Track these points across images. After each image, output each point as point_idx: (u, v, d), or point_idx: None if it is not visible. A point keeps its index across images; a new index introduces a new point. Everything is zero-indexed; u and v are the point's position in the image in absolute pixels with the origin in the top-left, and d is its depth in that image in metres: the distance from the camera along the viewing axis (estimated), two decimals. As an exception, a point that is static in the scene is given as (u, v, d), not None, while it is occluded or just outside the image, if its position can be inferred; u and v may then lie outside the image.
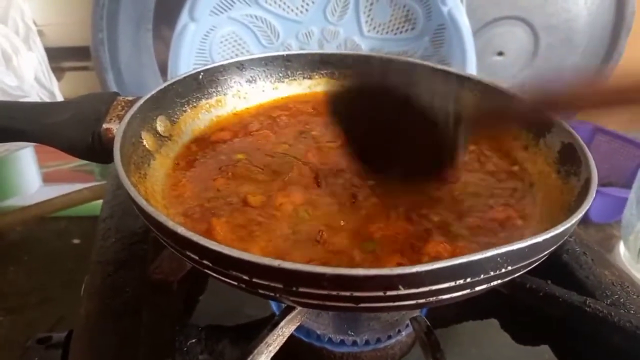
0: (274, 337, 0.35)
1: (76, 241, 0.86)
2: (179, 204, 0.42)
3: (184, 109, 0.51)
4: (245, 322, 0.46)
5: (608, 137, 1.14)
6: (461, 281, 0.28)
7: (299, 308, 0.37)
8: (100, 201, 0.61)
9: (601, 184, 1.04)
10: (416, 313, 0.41)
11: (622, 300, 0.42)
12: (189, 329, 0.44)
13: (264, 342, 0.35)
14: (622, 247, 0.81)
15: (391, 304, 0.28)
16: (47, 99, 0.83)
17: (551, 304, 0.39)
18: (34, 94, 0.78)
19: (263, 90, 0.57)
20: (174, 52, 0.83)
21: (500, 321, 0.51)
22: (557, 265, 0.47)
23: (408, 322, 0.43)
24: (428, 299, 0.29)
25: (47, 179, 0.97)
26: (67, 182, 0.95)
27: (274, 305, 0.46)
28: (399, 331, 0.44)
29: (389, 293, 0.27)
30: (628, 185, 0.83)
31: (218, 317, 0.53)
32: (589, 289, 0.44)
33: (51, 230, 0.88)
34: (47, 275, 0.79)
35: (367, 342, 0.43)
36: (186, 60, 0.84)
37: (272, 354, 0.35)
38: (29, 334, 0.49)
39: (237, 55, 0.90)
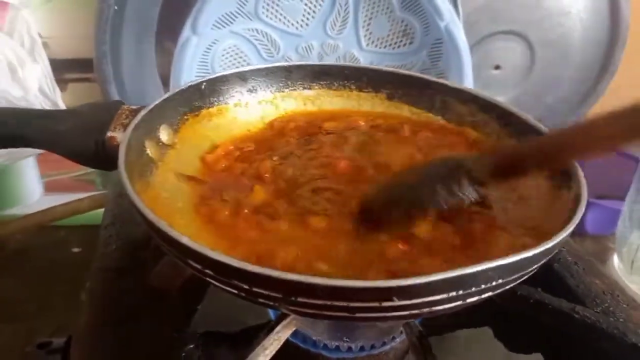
0: (270, 341, 0.36)
1: (76, 250, 0.87)
2: None
3: (186, 117, 0.53)
4: (243, 329, 0.47)
5: (604, 150, 1.15)
6: (454, 293, 0.29)
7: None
8: (101, 210, 0.61)
9: (597, 196, 1.05)
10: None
11: (611, 308, 0.43)
12: (186, 335, 0.44)
13: (261, 345, 0.36)
14: (616, 259, 0.81)
15: (386, 314, 0.29)
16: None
17: (541, 310, 0.40)
18: (38, 105, 0.80)
19: (264, 99, 0.59)
20: (176, 65, 0.85)
21: (494, 329, 0.52)
22: (548, 274, 0.48)
23: (402, 328, 0.44)
24: (422, 309, 0.30)
25: (49, 188, 0.98)
26: (68, 191, 0.95)
27: (271, 313, 0.47)
28: (393, 338, 0.45)
29: (384, 304, 0.28)
30: (624, 197, 0.84)
31: (216, 324, 0.54)
32: (579, 297, 0.45)
33: (51, 239, 0.88)
34: (47, 284, 0.79)
35: (361, 349, 0.44)
36: (188, 73, 0.85)
37: (268, 357, 0.36)
38: (28, 341, 0.49)
39: (238, 67, 0.91)
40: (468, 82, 0.90)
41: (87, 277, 0.47)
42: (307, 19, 0.90)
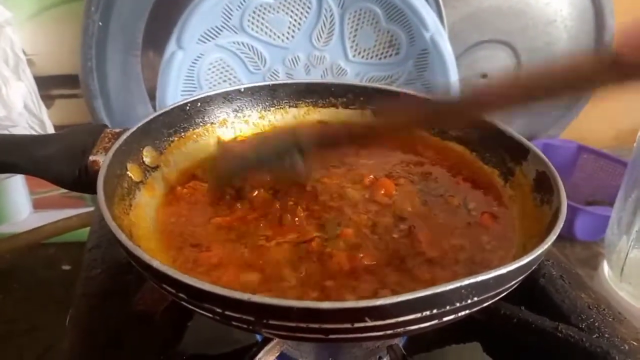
0: (255, 366, 0.36)
1: (66, 267, 0.86)
2: None
3: (171, 139, 0.52)
4: (229, 351, 0.47)
5: (593, 156, 1.15)
6: (427, 312, 0.29)
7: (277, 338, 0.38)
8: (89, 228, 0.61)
9: (586, 202, 1.06)
10: (394, 341, 0.42)
11: (596, 324, 0.43)
12: (173, 359, 0.44)
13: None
14: (606, 266, 0.82)
15: (360, 335, 0.29)
16: (36, 127, 0.84)
17: (525, 329, 0.40)
18: (23, 122, 0.79)
19: (250, 119, 0.59)
20: (162, 79, 0.84)
21: (483, 344, 0.52)
22: (534, 290, 0.48)
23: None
24: (396, 329, 0.29)
25: (38, 205, 0.97)
26: (57, 208, 0.95)
27: (258, 335, 0.47)
28: (380, 358, 0.45)
29: (356, 325, 0.28)
30: (613, 203, 0.84)
31: (206, 342, 0.53)
32: (564, 313, 0.45)
33: (40, 257, 0.88)
34: (36, 303, 0.78)
35: (348, 369, 0.44)
36: (174, 87, 0.85)
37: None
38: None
39: (224, 81, 0.91)
40: (454, 92, 0.91)
41: (71, 302, 0.47)
42: (293, 31, 0.90)
